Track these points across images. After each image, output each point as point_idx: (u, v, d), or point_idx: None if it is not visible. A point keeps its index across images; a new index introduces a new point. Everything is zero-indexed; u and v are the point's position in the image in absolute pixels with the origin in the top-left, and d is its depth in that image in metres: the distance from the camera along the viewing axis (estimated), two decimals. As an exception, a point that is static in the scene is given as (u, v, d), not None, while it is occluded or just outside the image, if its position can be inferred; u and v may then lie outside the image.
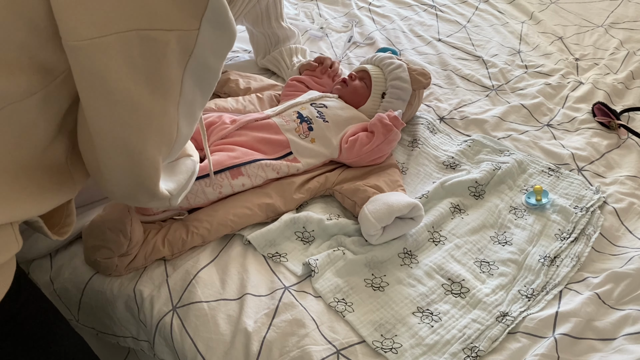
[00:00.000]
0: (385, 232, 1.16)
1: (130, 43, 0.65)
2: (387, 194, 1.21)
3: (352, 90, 1.45)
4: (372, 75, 1.45)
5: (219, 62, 0.77)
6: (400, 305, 1.07)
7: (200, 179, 1.16)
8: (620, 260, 1.16)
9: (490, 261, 1.17)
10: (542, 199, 1.29)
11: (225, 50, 0.76)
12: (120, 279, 1.12)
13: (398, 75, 1.44)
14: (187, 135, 0.83)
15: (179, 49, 0.69)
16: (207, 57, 0.73)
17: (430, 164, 1.41)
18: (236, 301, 1.05)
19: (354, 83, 1.46)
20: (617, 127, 1.53)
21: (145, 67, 0.68)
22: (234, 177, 1.20)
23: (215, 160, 1.19)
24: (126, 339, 1.15)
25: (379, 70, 1.47)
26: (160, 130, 0.76)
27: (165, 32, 0.66)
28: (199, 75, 0.75)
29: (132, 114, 0.71)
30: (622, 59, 1.87)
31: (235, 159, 1.21)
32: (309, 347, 0.98)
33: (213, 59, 0.75)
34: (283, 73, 1.72)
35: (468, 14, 2.19)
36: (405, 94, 1.44)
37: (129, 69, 0.67)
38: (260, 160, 1.23)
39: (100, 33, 0.63)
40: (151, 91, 0.70)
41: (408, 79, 1.45)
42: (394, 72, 1.44)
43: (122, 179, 0.80)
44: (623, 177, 1.38)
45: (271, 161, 1.24)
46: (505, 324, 1.04)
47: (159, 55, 0.68)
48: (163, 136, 0.77)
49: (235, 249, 1.15)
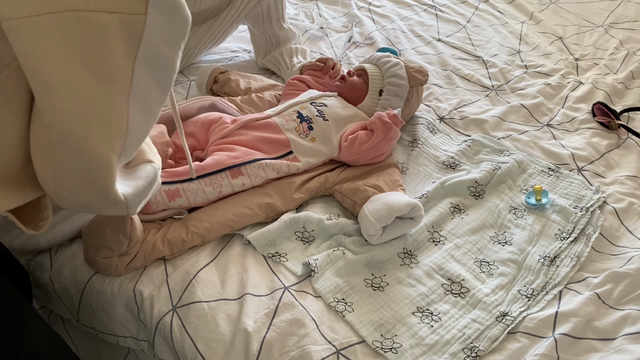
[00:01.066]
0: (385, 232, 1.16)
1: (66, 24, 0.62)
2: (387, 193, 1.21)
3: (350, 86, 1.45)
4: (370, 73, 1.46)
5: (173, 52, 0.73)
6: (400, 305, 1.07)
7: (200, 179, 1.16)
8: (620, 260, 1.16)
9: (490, 261, 1.17)
10: (542, 199, 1.29)
11: (179, 38, 0.73)
12: (120, 279, 1.12)
13: (395, 73, 1.45)
14: (141, 131, 0.78)
15: (124, 35, 0.66)
16: (159, 45, 0.70)
17: (430, 163, 1.41)
18: (236, 301, 1.05)
19: (352, 79, 1.46)
20: (617, 127, 1.53)
21: (84, 52, 0.65)
22: (234, 177, 1.20)
23: (215, 159, 1.19)
24: (126, 339, 1.15)
25: (376, 68, 1.48)
26: (106, 122, 0.71)
27: (106, 15, 0.63)
28: (152, 66, 0.71)
29: (74, 102, 0.67)
30: (622, 59, 1.87)
31: (236, 159, 1.21)
32: (308, 347, 0.98)
33: (166, 48, 0.71)
34: (283, 73, 1.72)
35: (468, 14, 2.19)
36: (402, 91, 1.44)
37: (66, 53, 0.64)
38: (260, 160, 1.23)
39: (32, 12, 0.60)
40: (92, 78, 0.67)
41: (405, 76, 1.45)
42: (391, 70, 1.45)
43: (71, 179, 0.75)
44: (623, 177, 1.38)
45: (271, 161, 1.24)
46: (505, 323, 1.04)
47: (99, 39, 0.64)
48: (111, 129, 0.72)
49: (235, 249, 1.15)
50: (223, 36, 1.75)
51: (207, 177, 1.17)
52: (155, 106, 0.78)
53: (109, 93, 0.69)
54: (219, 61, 1.84)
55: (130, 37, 0.66)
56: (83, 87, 0.67)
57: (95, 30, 0.63)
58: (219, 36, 1.73)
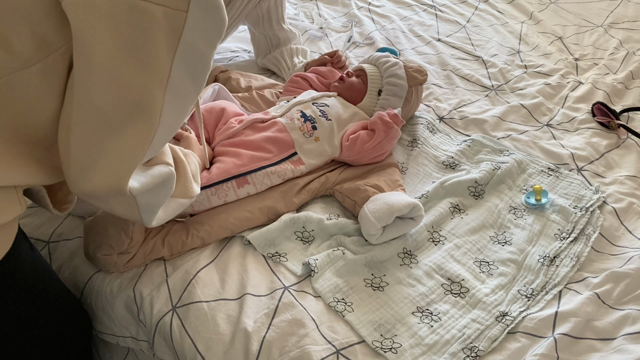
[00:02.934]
0: (385, 231, 1.16)
1: (119, 8, 0.66)
2: (388, 193, 1.21)
3: (348, 86, 1.45)
4: (369, 73, 1.46)
5: (209, 50, 0.77)
6: (399, 305, 1.07)
7: (205, 189, 1.17)
8: (619, 260, 1.16)
9: (489, 261, 1.17)
10: (541, 199, 1.29)
11: (215, 37, 0.76)
12: (119, 279, 1.12)
13: (394, 72, 1.45)
14: (171, 126, 0.80)
15: (167, 28, 0.69)
16: (197, 42, 0.73)
17: (430, 163, 1.41)
18: (236, 301, 1.05)
19: (351, 80, 1.46)
20: (617, 127, 1.53)
21: (131, 37, 0.68)
22: (240, 186, 1.21)
23: (221, 169, 1.20)
24: (125, 339, 1.15)
25: (375, 69, 1.48)
26: (139, 109, 0.74)
27: (154, 5, 0.67)
28: (189, 62, 0.74)
29: (111, 82, 0.70)
30: (621, 59, 1.87)
31: (242, 167, 1.21)
32: (308, 347, 0.98)
33: (203, 45, 0.75)
34: (283, 73, 1.72)
35: (468, 13, 2.19)
36: (401, 91, 1.44)
37: (113, 34, 0.67)
38: (266, 168, 1.23)
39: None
40: (134, 63, 0.70)
41: (404, 75, 1.45)
42: (389, 70, 1.45)
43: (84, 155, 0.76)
44: (622, 177, 1.38)
45: (276, 167, 1.25)
46: (505, 323, 1.04)
47: (146, 27, 0.68)
48: (143, 116, 0.75)
49: (235, 249, 1.15)
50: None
51: (213, 187, 1.18)
52: (187, 103, 0.81)
53: (146, 81, 0.72)
54: (219, 61, 1.84)
55: (172, 32, 0.70)
56: (123, 69, 0.70)
57: (144, 19, 0.67)
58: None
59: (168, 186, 0.89)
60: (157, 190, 0.86)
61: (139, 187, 0.81)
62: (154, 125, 0.76)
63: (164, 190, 0.89)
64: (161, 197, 0.89)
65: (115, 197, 0.80)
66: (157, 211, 0.91)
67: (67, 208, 0.94)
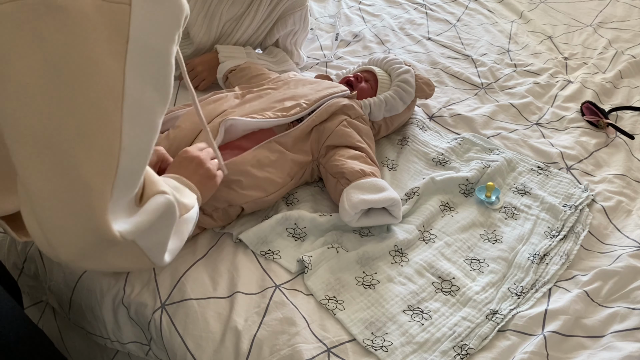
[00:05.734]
0: (364, 217, 1.16)
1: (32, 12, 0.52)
2: (369, 180, 1.19)
3: (358, 93, 1.43)
4: (379, 79, 1.46)
5: (168, 45, 0.62)
6: (390, 303, 1.07)
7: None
8: (608, 258, 1.17)
9: (480, 259, 1.18)
10: (491, 196, 1.29)
11: (173, 27, 0.62)
12: (108, 277, 1.11)
13: (405, 79, 1.45)
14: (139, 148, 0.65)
15: (105, 26, 0.56)
16: (150, 39, 0.60)
17: (419, 161, 1.41)
18: (226, 299, 1.05)
19: (360, 86, 1.45)
20: (606, 126, 1.54)
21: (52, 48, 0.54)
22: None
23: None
24: (113, 342, 1.14)
25: (386, 75, 1.48)
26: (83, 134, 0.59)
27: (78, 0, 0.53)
28: (145, 65, 0.61)
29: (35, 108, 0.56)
30: (610, 59, 1.88)
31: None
32: (299, 345, 0.98)
33: (157, 39, 0.61)
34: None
35: (458, 12, 2.19)
36: (407, 97, 1.44)
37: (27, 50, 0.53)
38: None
39: None
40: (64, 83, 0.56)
41: (414, 84, 1.46)
42: (402, 76, 1.45)
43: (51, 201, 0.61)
44: (611, 176, 1.39)
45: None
46: (495, 321, 1.04)
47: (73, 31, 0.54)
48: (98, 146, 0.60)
49: (225, 247, 1.15)
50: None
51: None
52: (154, 116, 0.66)
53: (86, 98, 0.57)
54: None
55: (114, 31, 0.56)
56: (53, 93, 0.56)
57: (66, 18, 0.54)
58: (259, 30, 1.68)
59: (170, 217, 0.76)
60: (159, 226, 0.74)
61: (133, 230, 0.68)
62: (113, 151, 0.61)
63: (167, 222, 0.77)
64: (166, 231, 0.78)
65: (109, 249, 0.67)
66: (167, 246, 0.79)
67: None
